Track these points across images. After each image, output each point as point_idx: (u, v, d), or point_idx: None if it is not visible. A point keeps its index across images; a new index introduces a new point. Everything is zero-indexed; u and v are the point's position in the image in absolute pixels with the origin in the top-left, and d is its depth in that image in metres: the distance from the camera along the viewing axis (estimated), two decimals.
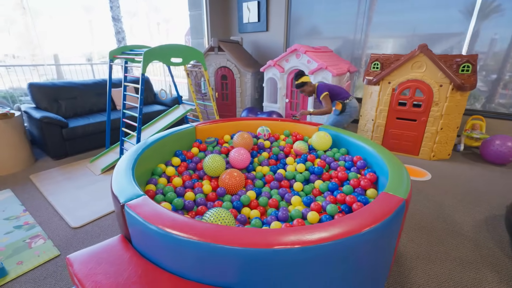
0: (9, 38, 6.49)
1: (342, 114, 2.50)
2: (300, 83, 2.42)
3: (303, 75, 2.43)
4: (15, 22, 5.47)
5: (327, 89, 2.43)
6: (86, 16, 7.07)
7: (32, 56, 6.37)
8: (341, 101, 2.48)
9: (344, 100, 2.48)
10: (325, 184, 1.60)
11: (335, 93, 2.46)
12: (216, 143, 2.16)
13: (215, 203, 1.48)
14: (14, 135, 2.40)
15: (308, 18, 4.15)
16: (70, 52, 6.66)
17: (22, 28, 5.52)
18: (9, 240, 1.53)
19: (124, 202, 1.04)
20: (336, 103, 2.48)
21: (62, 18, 6.35)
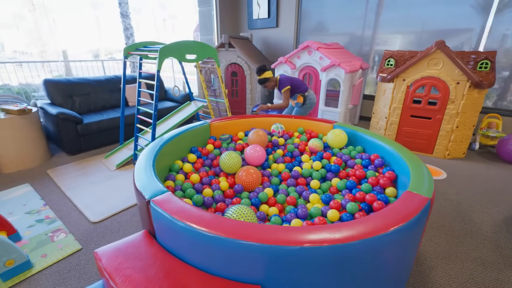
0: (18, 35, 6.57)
1: (303, 106, 2.62)
2: (262, 79, 2.44)
3: (265, 70, 2.43)
4: (24, 18, 5.50)
5: (289, 82, 2.50)
6: (94, 12, 7.08)
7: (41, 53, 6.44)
8: (301, 94, 2.57)
9: (304, 92, 2.58)
10: (342, 182, 1.59)
11: (296, 86, 2.55)
12: (231, 140, 2.16)
13: (233, 200, 1.48)
14: (31, 130, 2.44)
15: (317, 14, 4.11)
16: (78, 48, 6.70)
17: (31, 24, 5.57)
18: (32, 234, 1.57)
19: (150, 198, 1.05)
20: (298, 96, 2.55)
21: (70, 14, 6.37)
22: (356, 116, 3.92)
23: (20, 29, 6.46)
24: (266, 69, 2.43)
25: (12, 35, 6.83)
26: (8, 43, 6.79)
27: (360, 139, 1.97)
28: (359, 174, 1.61)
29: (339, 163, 1.77)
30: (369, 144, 1.89)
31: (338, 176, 1.72)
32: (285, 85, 2.48)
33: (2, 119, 2.24)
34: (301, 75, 3.45)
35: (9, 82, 3.56)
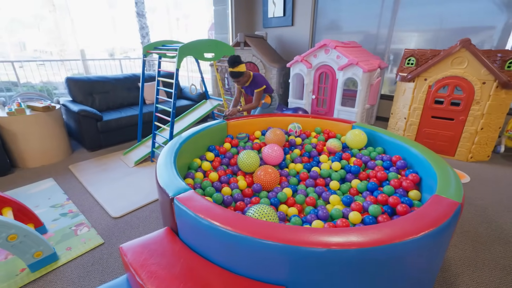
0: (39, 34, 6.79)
1: (269, 107, 2.49)
2: (237, 73, 2.11)
3: (240, 62, 2.10)
4: (44, 18, 5.66)
5: (265, 82, 2.36)
6: (110, 12, 7.25)
7: (60, 52, 6.64)
8: (269, 94, 2.44)
9: (271, 93, 2.46)
10: (363, 184, 1.56)
11: (268, 86, 2.42)
12: (248, 139, 2.16)
13: (252, 199, 1.48)
14: (55, 127, 2.52)
15: (333, 12, 4.04)
16: (94, 47, 6.87)
17: (51, 24, 5.72)
18: (57, 227, 1.62)
19: (173, 196, 1.06)
20: (266, 96, 2.42)
21: (87, 13, 6.55)
22: (372, 116, 3.83)
23: (40, 29, 6.67)
24: (241, 61, 2.10)
25: (33, 34, 7.06)
26: (29, 43, 7.02)
27: (380, 140, 1.92)
28: (381, 176, 1.57)
29: (359, 164, 1.73)
30: (389, 145, 1.84)
31: (358, 178, 1.69)
32: (262, 84, 2.29)
33: (28, 116, 2.33)
34: (317, 74, 3.40)
35: (32, 80, 3.69)
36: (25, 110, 2.38)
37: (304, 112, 3.41)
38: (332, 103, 3.41)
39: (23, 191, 2.03)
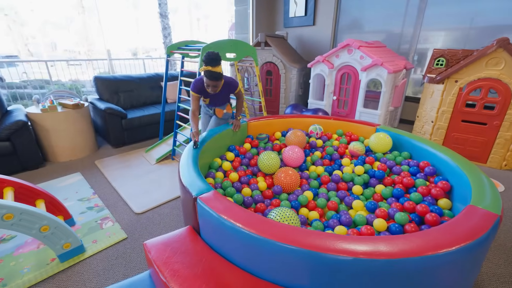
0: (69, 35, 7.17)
1: (224, 118, 2.10)
2: (218, 74, 1.66)
3: (220, 61, 1.66)
4: (74, 20, 5.92)
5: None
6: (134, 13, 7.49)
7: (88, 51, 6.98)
8: (229, 103, 2.11)
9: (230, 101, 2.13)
10: (388, 190, 1.50)
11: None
12: (268, 140, 2.15)
13: (272, 201, 1.47)
14: (83, 123, 2.64)
15: (356, 11, 3.93)
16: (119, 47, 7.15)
17: (80, 25, 5.98)
18: (83, 220, 1.69)
19: (197, 195, 1.07)
20: (227, 104, 2.06)
21: (113, 14, 6.81)
22: (396, 118, 3.69)
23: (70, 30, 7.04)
24: (220, 59, 1.67)
25: (64, 35, 7.46)
26: (60, 43, 7.44)
27: (406, 144, 1.84)
28: (407, 182, 1.50)
29: (383, 169, 1.67)
30: (416, 150, 1.76)
31: (382, 183, 1.62)
32: (237, 83, 1.92)
33: (59, 113, 2.45)
34: (339, 74, 3.32)
35: (62, 78, 3.89)
36: (57, 107, 2.51)
37: (324, 113, 3.34)
38: (353, 105, 3.32)
39: (53, 184, 2.14)
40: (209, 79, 1.65)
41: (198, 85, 1.81)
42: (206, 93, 1.87)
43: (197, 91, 1.83)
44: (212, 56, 1.59)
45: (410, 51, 3.63)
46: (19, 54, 6.76)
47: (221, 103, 2.01)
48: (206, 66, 1.61)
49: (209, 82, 1.67)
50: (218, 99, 1.95)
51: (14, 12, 6.52)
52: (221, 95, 1.92)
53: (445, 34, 3.31)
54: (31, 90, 3.50)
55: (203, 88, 1.81)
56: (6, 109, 2.56)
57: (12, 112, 2.48)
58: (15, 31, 6.72)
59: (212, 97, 1.92)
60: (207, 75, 1.64)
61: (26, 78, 3.45)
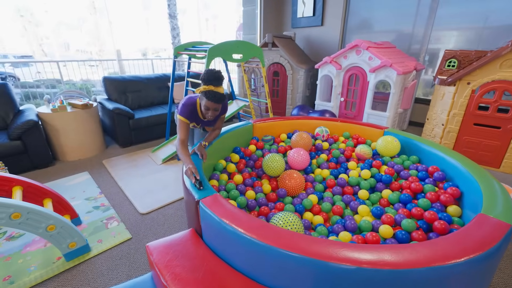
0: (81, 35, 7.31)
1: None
2: (223, 96, 1.42)
3: (222, 79, 1.42)
4: (86, 20, 6.03)
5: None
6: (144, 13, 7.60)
7: (99, 51, 7.11)
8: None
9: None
10: (395, 195, 1.46)
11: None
12: (273, 142, 2.13)
13: (276, 205, 1.45)
14: (91, 123, 2.69)
15: (365, 11, 3.87)
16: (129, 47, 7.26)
17: (91, 26, 6.09)
18: (90, 219, 1.72)
19: (199, 198, 1.07)
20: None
21: (124, 15, 6.93)
22: (405, 121, 3.62)
23: (82, 31, 7.18)
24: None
25: (76, 36, 7.61)
26: (73, 43, 7.60)
27: (415, 148, 1.80)
28: (415, 187, 1.46)
29: (390, 173, 1.63)
30: (425, 155, 1.71)
31: (389, 188, 1.59)
32: (227, 107, 1.70)
33: (69, 112, 2.50)
34: (347, 76, 3.28)
35: (74, 77, 3.96)
36: (67, 107, 2.56)
37: (331, 115, 3.30)
38: (361, 107, 3.27)
39: (62, 182, 2.18)
40: (213, 101, 1.38)
41: (190, 110, 1.49)
42: (198, 119, 1.58)
43: (189, 117, 1.49)
44: (216, 74, 1.37)
45: (421, 51, 3.55)
46: (33, 54, 6.93)
47: (212, 125, 1.74)
48: (208, 86, 1.35)
49: (211, 105, 1.39)
50: (210, 123, 1.70)
51: (29, 13, 6.69)
52: (214, 119, 1.66)
53: (457, 34, 3.22)
54: (44, 89, 3.59)
55: (196, 113, 1.53)
56: (18, 109, 2.62)
57: (24, 111, 2.54)
58: (30, 31, 6.89)
59: (204, 123, 1.65)
60: (211, 97, 1.36)
61: (40, 77, 3.53)
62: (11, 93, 2.59)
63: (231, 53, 2.30)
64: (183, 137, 1.46)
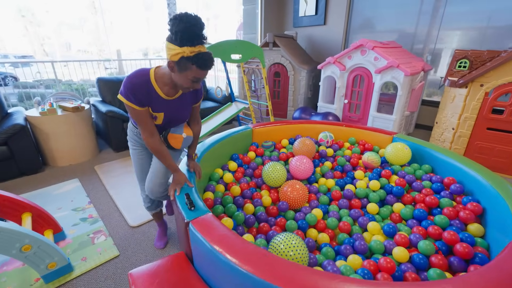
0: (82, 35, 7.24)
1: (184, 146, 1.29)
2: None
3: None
4: (87, 20, 5.96)
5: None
6: (145, 13, 7.52)
7: (99, 51, 7.02)
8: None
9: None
10: (409, 210, 1.33)
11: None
12: (274, 148, 2.00)
13: (277, 220, 1.32)
14: (83, 126, 2.56)
15: (369, 10, 3.73)
16: (130, 47, 7.19)
17: (92, 26, 6.01)
18: (75, 233, 1.59)
19: (189, 220, 0.93)
20: (185, 123, 1.27)
21: (124, 15, 6.86)
22: (411, 123, 3.48)
23: (84, 30, 7.11)
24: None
25: (78, 36, 7.55)
26: (74, 43, 7.54)
27: (427, 156, 1.66)
28: (430, 201, 1.33)
29: (402, 185, 1.49)
30: (439, 164, 1.58)
31: (401, 201, 1.45)
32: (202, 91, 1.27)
33: (58, 116, 2.37)
34: (351, 77, 3.14)
35: (74, 77, 3.81)
36: (57, 110, 2.43)
37: (334, 117, 3.17)
38: (366, 109, 3.13)
39: (49, 191, 2.06)
40: (208, 69, 0.95)
41: (139, 89, 1.00)
42: (159, 102, 1.07)
43: (140, 101, 1.01)
44: (199, 23, 0.91)
45: (424, 51, 3.43)
46: (34, 54, 6.86)
47: (180, 120, 1.21)
48: (194, 47, 0.90)
49: (202, 75, 0.95)
50: (179, 112, 1.16)
51: (31, 13, 6.64)
52: (185, 103, 1.16)
53: (460, 34, 3.12)
54: (43, 89, 3.48)
55: (149, 93, 1.03)
56: (6, 112, 2.50)
57: (12, 115, 2.42)
58: (32, 32, 6.83)
59: (171, 110, 1.12)
60: (204, 64, 0.92)
61: (40, 77, 3.41)
62: None
63: (229, 53, 2.17)
64: (150, 130, 1.07)
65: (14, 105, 3.05)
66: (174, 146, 1.21)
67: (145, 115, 1.05)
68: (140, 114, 1.04)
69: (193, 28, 0.88)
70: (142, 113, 1.04)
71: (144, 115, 1.05)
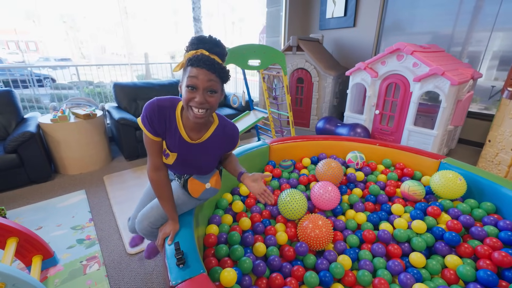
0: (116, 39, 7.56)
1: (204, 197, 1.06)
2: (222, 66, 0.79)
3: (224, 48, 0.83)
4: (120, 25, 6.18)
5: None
6: (173, 18, 7.70)
7: (129, 55, 7.24)
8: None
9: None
10: (469, 269, 1.00)
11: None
12: (293, 168, 1.74)
13: (294, 268, 1.06)
14: (95, 134, 2.47)
15: (404, 11, 3.35)
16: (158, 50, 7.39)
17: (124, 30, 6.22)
18: (69, 258, 1.44)
19: (175, 284, 0.71)
20: (216, 172, 1.07)
21: (154, 20, 7.08)
22: (454, 139, 3.03)
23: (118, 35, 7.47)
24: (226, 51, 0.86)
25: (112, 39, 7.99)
26: (108, 46, 8.01)
27: (489, 190, 1.31)
28: (499, 258, 1.00)
29: (456, 229, 1.17)
30: (506, 202, 1.23)
31: (455, 251, 1.13)
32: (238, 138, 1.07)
33: (70, 123, 2.29)
34: (384, 85, 2.79)
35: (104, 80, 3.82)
36: (70, 117, 2.36)
37: (363, 130, 2.83)
38: (401, 122, 2.76)
39: (53, 203, 1.96)
40: (206, 68, 0.74)
41: (159, 114, 0.85)
42: (175, 140, 0.89)
43: (155, 129, 0.86)
44: (210, 37, 0.79)
45: (462, 55, 3.00)
46: (72, 57, 7.32)
47: (198, 169, 0.98)
48: (196, 51, 0.77)
49: (202, 75, 0.74)
50: (198, 158, 0.94)
51: (71, 19, 7.13)
52: (211, 150, 0.95)
53: (503, 36, 2.70)
54: (75, 91, 3.53)
55: (169, 124, 0.87)
56: (22, 117, 2.47)
57: (27, 120, 2.38)
58: (71, 36, 7.32)
59: (188, 154, 0.92)
60: (200, 62, 0.74)
61: (77, 79, 3.45)
62: (15, 101, 2.44)
63: (246, 59, 1.94)
64: (158, 163, 0.91)
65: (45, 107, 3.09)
66: (191, 193, 1.02)
67: (156, 146, 0.90)
68: (150, 143, 0.89)
69: (203, 36, 0.79)
70: (154, 144, 0.89)
71: (155, 146, 0.90)
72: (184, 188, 1.03)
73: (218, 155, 1.00)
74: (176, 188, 1.06)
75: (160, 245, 0.92)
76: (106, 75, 3.52)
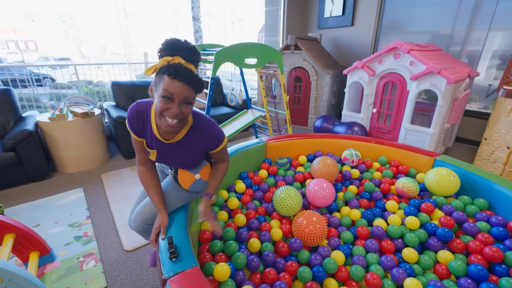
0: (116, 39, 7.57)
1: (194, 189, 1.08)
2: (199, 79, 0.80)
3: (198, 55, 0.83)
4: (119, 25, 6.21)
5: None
6: (173, 17, 7.72)
7: (128, 54, 7.26)
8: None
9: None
10: (461, 264, 1.01)
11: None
12: (289, 165, 1.76)
13: (287, 264, 1.07)
14: (93, 133, 2.48)
15: (402, 10, 3.36)
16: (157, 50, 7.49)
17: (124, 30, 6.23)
18: (66, 254, 1.45)
19: (168, 277, 0.72)
20: (206, 165, 1.08)
21: (153, 20, 7.11)
22: (451, 137, 3.05)
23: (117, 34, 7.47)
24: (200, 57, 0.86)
25: (111, 39, 8.03)
26: (108, 46, 8.02)
27: (483, 186, 1.32)
28: (492, 254, 1.01)
29: (449, 225, 1.18)
30: (501, 199, 1.24)
31: (447, 247, 1.14)
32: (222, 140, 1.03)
33: (68, 122, 2.30)
34: (381, 83, 2.80)
35: (103, 79, 3.83)
36: (68, 115, 2.37)
37: (361, 128, 2.84)
38: (398, 120, 2.77)
39: (51, 201, 1.97)
40: (180, 79, 0.74)
41: (136, 117, 0.91)
42: (152, 139, 0.94)
43: (135, 130, 0.93)
44: (186, 42, 0.80)
45: (461, 55, 3.01)
46: (72, 56, 7.33)
47: (180, 164, 1.02)
48: (172, 57, 0.77)
49: (175, 88, 0.74)
50: (178, 156, 0.97)
51: (71, 19, 7.15)
52: (188, 149, 0.95)
53: (502, 35, 2.71)
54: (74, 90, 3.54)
55: (145, 126, 0.92)
56: (20, 116, 2.48)
57: (25, 119, 2.39)
58: (71, 36, 7.35)
59: (166, 152, 0.96)
60: (174, 72, 0.73)
61: (76, 79, 3.45)
62: (13, 99, 2.45)
63: (243, 57, 1.96)
64: (144, 158, 1.01)
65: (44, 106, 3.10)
66: (181, 184, 1.05)
67: (139, 145, 0.99)
68: (135, 142, 0.99)
69: (178, 41, 0.80)
70: (137, 143, 0.99)
71: (139, 145, 0.99)
72: (175, 179, 1.07)
73: (199, 151, 0.99)
74: (168, 183, 1.10)
75: (153, 240, 0.93)
76: (105, 74, 3.54)
